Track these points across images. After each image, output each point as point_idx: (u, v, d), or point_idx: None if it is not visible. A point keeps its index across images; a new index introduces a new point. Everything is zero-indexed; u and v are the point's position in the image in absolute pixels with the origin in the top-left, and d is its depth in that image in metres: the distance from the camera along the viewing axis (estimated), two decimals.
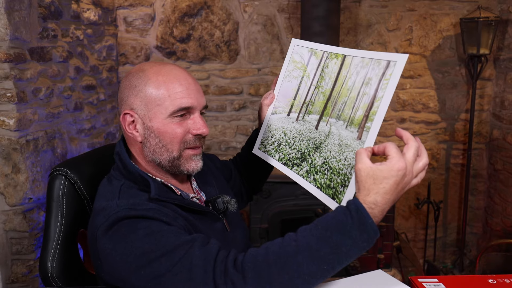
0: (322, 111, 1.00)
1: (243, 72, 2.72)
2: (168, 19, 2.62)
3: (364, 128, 0.87)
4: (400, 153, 0.81)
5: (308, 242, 0.80)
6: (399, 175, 0.79)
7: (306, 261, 0.79)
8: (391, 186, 0.80)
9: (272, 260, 0.80)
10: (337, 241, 0.79)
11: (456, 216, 2.99)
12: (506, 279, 0.93)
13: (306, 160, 1.00)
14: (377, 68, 0.87)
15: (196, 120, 1.03)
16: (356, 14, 2.70)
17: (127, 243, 0.87)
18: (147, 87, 1.01)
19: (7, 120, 1.56)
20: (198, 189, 1.16)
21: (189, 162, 1.04)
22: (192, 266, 0.82)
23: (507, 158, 2.69)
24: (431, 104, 2.83)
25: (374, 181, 0.80)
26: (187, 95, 1.00)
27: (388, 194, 0.80)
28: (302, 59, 1.12)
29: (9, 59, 1.53)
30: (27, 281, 1.65)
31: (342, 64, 0.97)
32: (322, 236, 0.80)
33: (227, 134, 2.78)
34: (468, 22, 2.53)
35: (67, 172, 1.12)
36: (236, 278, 0.79)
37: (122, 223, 0.90)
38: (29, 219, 1.64)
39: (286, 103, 1.14)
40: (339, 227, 0.80)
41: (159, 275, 0.83)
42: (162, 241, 0.86)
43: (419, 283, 0.92)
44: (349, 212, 0.80)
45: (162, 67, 1.04)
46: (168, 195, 1.01)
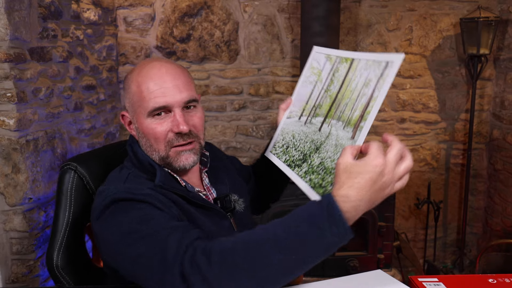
0: (326, 113, 1.01)
1: (243, 72, 2.72)
2: (168, 19, 2.62)
3: (358, 127, 0.87)
4: (380, 151, 0.78)
5: (275, 231, 0.79)
6: (375, 171, 0.77)
7: (272, 250, 0.77)
8: (366, 182, 0.77)
9: (238, 247, 0.79)
10: (305, 231, 0.77)
11: (456, 216, 2.99)
12: (506, 279, 0.93)
13: (306, 161, 1.00)
14: (377, 69, 0.87)
15: (174, 118, 1.02)
16: (356, 14, 2.70)
17: (118, 223, 0.91)
18: (130, 89, 1.05)
19: (7, 120, 1.56)
20: (210, 186, 1.17)
21: (179, 158, 1.05)
22: (167, 248, 0.83)
23: (507, 158, 2.69)
24: (431, 104, 2.83)
25: (349, 175, 0.78)
26: (161, 94, 1.01)
27: (362, 190, 0.77)
28: (319, 65, 1.13)
29: (9, 59, 1.53)
30: (27, 281, 1.65)
31: (349, 67, 0.98)
32: (291, 226, 0.78)
33: (227, 134, 2.78)
34: (468, 22, 2.53)
35: (77, 167, 1.17)
36: (201, 261, 0.79)
37: (117, 204, 0.94)
38: (29, 219, 1.64)
39: (300, 107, 1.15)
40: (308, 218, 0.78)
41: (139, 255, 0.86)
42: (150, 223, 0.89)
43: (419, 282, 0.92)
44: (320, 204, 0.78)
45: (144, 66, 1.05)
46: (172, 185, 1.04)
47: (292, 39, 2.70)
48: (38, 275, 1.69)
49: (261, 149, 2.80)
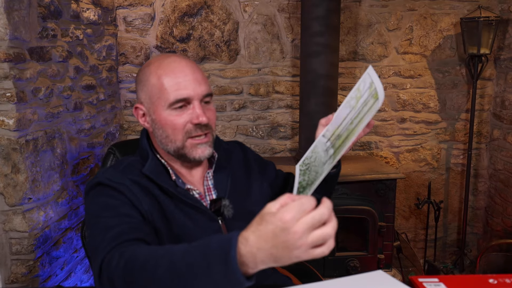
0: (336, 149, 0.99)
1: (243, 72, 2.71)
2: (168, 18, 2.62)
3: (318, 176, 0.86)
4: (298, 208, 0.69)
5: (176, 250, 0.79)
6: (278, 225, 0.68)
7: (162, 267, 0.77)
8: (267, 233, 0.69)
9: (141, 256, 0.82)
10: (196, 260, 0.74)
11: (456, 216, 2.99)
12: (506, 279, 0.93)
13: (304, 191, 1.00)
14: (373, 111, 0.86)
15: (194, 109, 1.06)
16: (356, 13, 2.70)
17: (91, 204, 1.04)
18: (149, 81, 1.09)
19: (6, 120, 1.56)
20: (212, 187, 1.17)
21: (194, 149, 1.09)
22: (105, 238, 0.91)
23: (508, 158, 2.68)
24: (432, 104, 2.82)
25: (259, 220, 0.71)
26: (183, 87, 1.05)
27: (262, 240, 0.69)
28: (363, 90, 1.11)
29: (8, 59, 1.53)
30: (27, 281, 1.65)
31: (372, 106, 0.93)
32: (188, 250, 0.77)
33: (227, 134, 2.77)
34: (468, 22, 2.52)
35: (115, 152, 1.38)
36: (113, 261, 0.84)
37: (96, 187, 1.05)
38: (29, 219, 1.63)
39: (333, 129, 1.14)
40: (203, 248, 0.75)
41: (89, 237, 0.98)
42: (107, 212, 0.98)
43: (420, 283, 0.92)
44: (222, 238, 0.74)
45: (163, 60, 1.10)
46: (160, 177, 1.08)
47: (292, 38, 2.69)
48: (38, 275, 1.69)
49: (261, 149, 2.80)
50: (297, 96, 2.73)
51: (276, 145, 2.81)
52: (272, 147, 2.81)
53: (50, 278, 1.77)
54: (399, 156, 2.89)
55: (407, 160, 2.90)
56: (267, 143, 2.81)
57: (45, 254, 1.74)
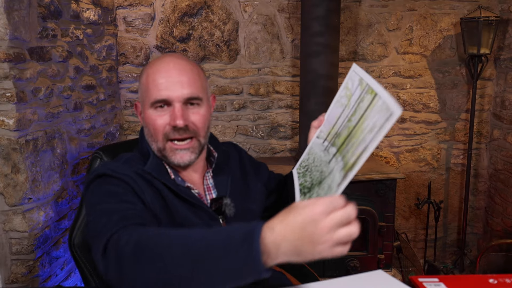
0: (339, 147, 0.97)
1: (243, 72, 2.71)
2: (168, 18, 2.62)
3: (346, 176, 0.81)
4: (330, 203, 0.70)
5: (194, 232, 0.77)
6: (308, 216, 0.69)
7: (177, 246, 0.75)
8: (295, 223, 0.69)
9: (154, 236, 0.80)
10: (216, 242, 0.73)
11: (456, 216, 2.99)
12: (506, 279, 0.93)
13: (310, 191, 0.98)
14: (383, 117, 0.81)
15: (173, 111, 1.06)
16: (356, 13, 2.70)
17: (92, 193, 1.01)
18: (141, 80, 1.12)
19: (6, 120, 1.56)
20: (212, 186, 1.18)
21: (173, 155, 1.09)
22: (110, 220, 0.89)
23: (508, 158, 2.68)
24: (432, 104, 2.82)
25: (287, 211, 0.72)
26: (164, 88, 1.05)
27: (289, 230, 0.69)
28: (352, 87, 1.09)
29: (8, 59, 1.53)
30: (27, 281, 1.65)
31: (370, 102, 0.92)
32: (209, 233, 0.75)
33: (227, 134, 2.77)
34: (468, 22, 2.52)
35: (102, 156, 1.31)
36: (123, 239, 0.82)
37: (98, 179, 1.03)
38: (29, 219, 1.63)
39: (327, 130, 1.12)
40: (226, 233, 0.74)
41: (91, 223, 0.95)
42: (111, 198, 0.97)
43: (420, 282, 0.92)
44: (246, 225, 0.73)
45: (158, 59, 1.12)
46: (161, 175, 1.08)
47: (292, 38, 2.69)
48: (38, 275, 1.69)
49: (261, 149, 2.80)
50: (297, 96, 2.73)
51: (276, 145, 2.81)
52: (272, 147, 2.81)
53: (50, 278, 1.77)
54: (399, 156, 2.89)
55: (407, 160, 2.90)
56: (267, 143, 2.81)
57: (45, 254, 1.74)
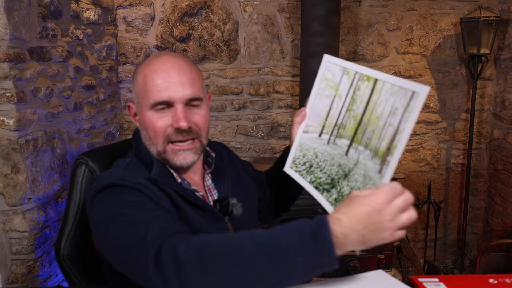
0: (352, 137, 0.97)
1: (243, 72, 2.71)
2: (168, 18, 2.62)
3: (385, 161, 0.84)
4: (390, 191, 0.75)
5: (260, 234, 0.77)
6: (373, 207, 0.73)
7: (248, 250, 0.75)
8: (361, 214, 0.73)
9: (218, 239, 0.78)
10: (287, 241, 0.74)
11: (456, 216, 2.99)
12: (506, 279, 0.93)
13: (335, 187, 0.97)
14: (403, 98, 0.84)
15: (175, 113, 1.01)
16: (356, 13, 2.70)
17: (107, 206, 0.93)
18: (137, 80, 1.06)
19: (6, 120, 1.56)
20: (212, 187, 1.16)
21: (175, 155, 1.05)
22: (148, 231, 0.82)
23: (508, 158, 2.68)
24: (432, 104, 2.82)
25: (349, 202, 0.76)
26: (165, 89, 1.01)
27: (356, 221, 0.73)
28: (334, 78, 1.08)
29: (8, 59, 1.53)
30: (27, 281, 1.65)
31: (373, 88, 0.93)
32: (276, 233, 0.76)
33: (227, 134, 2.78)
34: (468, 22, 2.52)
35: (88, 161, 1.21)
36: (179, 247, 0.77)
37: (109, 189, 0.95)
38: (29, 219, 1.63)
39: (318, 123, 1.11)
40: (294, 229, 0.76)
41: (120, 240, 0.85)
42: (136, 209, 0.90)
43: (420, 282, 0.92)
44: (312, 220, 0.76)
45: (153, 59, 1.06)
46: (168, 180, 1.04)
47: (292, 38, 2.70)
48: (38, 275, 1.69)
49: (261, 149, 2.80)
50: (297, 96, 2.73)
51: (276, 145, 2.81)
52: (272, 147, 2.81)
53: (50, 278, 1.77)
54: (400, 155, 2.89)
55: (407, 160, 2.90)
56: (267, 143, 2.81)
57: (45, 254, 1.74)
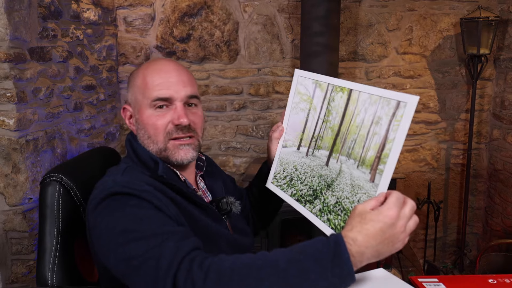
0: (331, 147, 0.98)
1: (243, 72, 2.71)
2: (168, 19, 2.62)
3: (377, 170, 0.85)
4: (396, 203, 0.78)
5: (277, 260, 0.77)
6: (386, 222, 0.76)
7: (269, 278, 0.75)
8: (375, 231, 0.76)
9: (237, 269, 0.77)
10: (307, 266, 0.75)
11: (456, 216, 2.99)
12: (506, 279, 0.93)
13: (318, 198, 0.98)
14: (386, 108, 0.84)
15: (176, 110, 1.05)
16: (356, 14, 2.70)
17: (113, 218, 0.89)
18: (135, 82, 1.09)
19: (7, 120, 1.56)
20: (205, 189, 1.17)
21: (177, 151, 1.06)
22: (161, 257, 0.80)
23: (507, 158, 2.68)
24: (431, 104, 2.83)
25: (361, 220, 0.78)
26: (166, 87, 1.04)
27: (371, 238, 0.76)
28: (307, 91, 1.10)
29: (9, 59, 1.53)
30: (27, 281, 1.65)
31: (348, 99, 0.94)
32: (294, 258, 0.77)
33: (227, 134, 2.78)
34: (468, 22, 2.52)
35: (62, 178, 1.09)
36: (197, 277, 0.76)
37: (113, 198, 0.92)
38: (29, 219, 1.64)
39: (295, 137, 1.13)
40: (313, 254, 0.76)
41: (132, 257, 0.83)
42: (145, 224, 0.86)
43: (419, 283, 0.92)
44: (327, 242, 0.77)
45: (152, 62, 1.11)
46: (174, 178, 1.05)
47: (292, 39, 2.70)
48: None
49: (261, 149, 2.80)
50: None
51: None
52: None
53: None
54: (399, 156, 2.89)
55: (407, 160, 2.90)
56: (267, 143, 2.81)
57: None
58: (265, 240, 2.35)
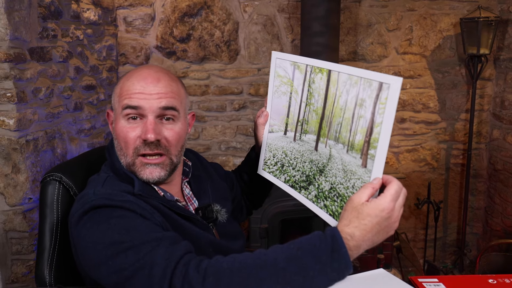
0: (318, 131, 0.97)
1: (243, 72, 2.72)
2: (168, 19, 2.62)
3: (368, 155, 0.83)
4: (394, 196, 0.79)
5: (275, 258, 0.77)
6: (383, 216, 0.78)
7: (269, 277, 0.75)
8: (373, 225, 0.79)
9: (235, 270, 0.76)
10: (306, 263, 0.76)
11: (456, 216, 2.99)
12: (506, 279, 0.93)
13: (312, 183, 0.97)
14: (368, 89, 0.82)
15: (145, 124, 0.97)
16: (356, 14, 2.70)
17: (98, 231, 0.87)
18: (115, 87, 1.04)
19: (7, 120, 1.56)
20: (191, 196, 1.14)
21: (143, 169, 1.00)
22: (153, 264, 0.79)
23: (507, 158, 2.68)
24: (431, 104, 2.83)
25: (358, 214, 0.79)
26: (138, 96, 0.97)
27: (368, 233, 0.79)
28: (287, 74, 1.07)
29: (9, 59, 1.53)
30: (27, 281, 1.65)
31: (328, 80, 0.92)
32: (292, 255, 0.77)
33: (227, 134, 2.78)
34: (468, 22, 2.52)
35: (61, 177, 1.09)
36: (194, 281, 0.75)
37: (96, 211, 0.89)
38: (29, 219, 1.64)
39: (281, 121, 1.10)
40: (311, 250, 0.77)
41: (123, 268, 0.81)
42: (133, 234, 0.84)
43: (419, 283, 0.92)
44: (324, 237, 0.78)
45: (137, 69, 1.04)
46: (151, 193, 1.00)
47: (292, 39, 2.70)
48: None
49: None
50: None
51: None
52: None
53: None
54: (399, 156, 2.89)
55: (407, 160, 2.90)
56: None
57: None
58: (265, 240, 2.35)
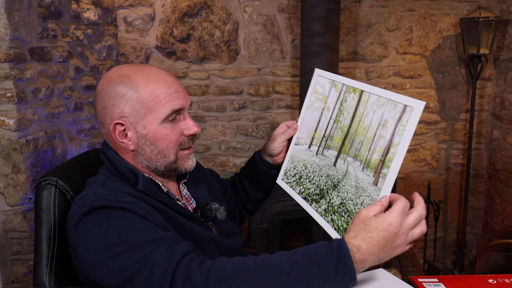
0: (340, 147, 0.99)
1: (243, 72, 2.72)
2: (168, 19, 2.62)
3: (380, 174, 0.85)
4: (402, 211, 0.79)
5: (280, 263, 0.77)
6: (390, 231, 0.78)
7: (273, 282, 0.75)
8: (379, 239, 0.78)
9: (239, 272, 0.77)
10: (311, 271, 0.76)
11: (456, 216, 2.99)
12: (506, 279, 0.93)
13: (324, 197, 0.99)
14: (393, 111, 0.85)
15: (187, 121, 1.04)
16: (356, 14, 2.70)
17: (98, 232, 0.87)
18: (138, 94, 0.98)
19: (7, 120, 1.56)
20: (188, 196, 1.15)
21: (186, 161, 1.07)
22: (154, 265, 0.79)
23: (507, 158, 2.69)
24: (431, 104, 2.83)
25: (365, 227, 0.79)
26: (177, 97, 1.01)
27: (374, 246, 0.78)
28: (324, 91, 1.11)
29: (9, 59, 1.53)
30: (27, 281, 1.65)
31: (359, 100, 0.95)
32: (297, 262, 0.77)
33: (227, 134, 2.78)
34: (468, 22, 2.52)
35: (58, 181, 1.07)
36: (197, 280, 0.76)
37: (96, 212, 0.89)
38: (29, 219, 1.64)
39: (308, 135, 1.13)
40: (316, 259, 0.77)
41: (124, 268, 0.81)
42: (133, 234, 0.85)
43: (419, 283, 0.92)
44: (331, 247, 0.78)
45: (146, 71, 1.01)
46: (154, 191, 1.01)
47: (292, 39, 2.70)
48: None
49: None
50: (297, 96, 2.73)
51: None
52: None
53: None
54: None
55: (406, 160, 2.90)
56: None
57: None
58: (265, 240, 2.35)
